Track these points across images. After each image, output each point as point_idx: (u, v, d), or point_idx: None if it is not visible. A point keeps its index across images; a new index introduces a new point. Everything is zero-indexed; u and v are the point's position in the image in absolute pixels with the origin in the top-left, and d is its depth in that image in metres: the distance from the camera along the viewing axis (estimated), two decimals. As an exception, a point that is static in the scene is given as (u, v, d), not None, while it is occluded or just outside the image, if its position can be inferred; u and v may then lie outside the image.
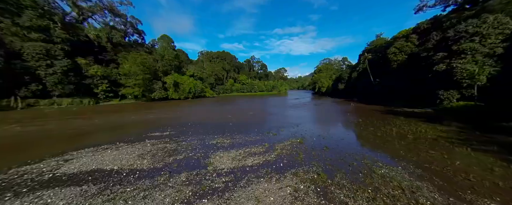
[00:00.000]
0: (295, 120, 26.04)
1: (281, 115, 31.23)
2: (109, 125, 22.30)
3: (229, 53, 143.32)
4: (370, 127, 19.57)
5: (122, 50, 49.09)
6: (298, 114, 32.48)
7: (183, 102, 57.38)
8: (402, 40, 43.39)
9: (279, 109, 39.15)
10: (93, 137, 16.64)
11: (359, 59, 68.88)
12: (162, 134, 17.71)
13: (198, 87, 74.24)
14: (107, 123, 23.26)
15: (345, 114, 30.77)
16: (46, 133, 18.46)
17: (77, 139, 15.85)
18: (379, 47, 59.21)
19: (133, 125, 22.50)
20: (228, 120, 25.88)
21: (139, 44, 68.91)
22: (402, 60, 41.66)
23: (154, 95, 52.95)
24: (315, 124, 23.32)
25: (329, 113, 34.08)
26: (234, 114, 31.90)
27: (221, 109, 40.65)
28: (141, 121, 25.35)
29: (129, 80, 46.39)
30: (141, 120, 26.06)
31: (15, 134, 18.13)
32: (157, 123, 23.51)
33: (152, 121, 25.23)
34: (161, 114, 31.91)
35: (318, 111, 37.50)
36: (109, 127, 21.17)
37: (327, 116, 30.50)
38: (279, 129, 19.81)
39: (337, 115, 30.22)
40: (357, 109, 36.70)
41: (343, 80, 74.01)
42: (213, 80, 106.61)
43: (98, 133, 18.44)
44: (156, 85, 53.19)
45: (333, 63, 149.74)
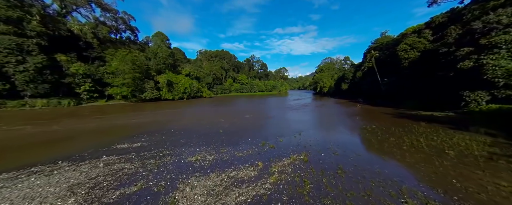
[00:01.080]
0: (296, 125, 22.41)
1: (281, 118, 27.60)
2: (70, 133, 18.29)
3: (228, 52, 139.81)
4: (389, 137, 15.92)
5: (110, 46, 45.59)
6: (299, 117, 28.85)
7: (177, 103, 53.82)
8: (413, 36, 39.67)
9: (278, 112, 35.53)
10: (29, 153, 12.52)
11: (364, 57, 65.15)
12: (131, 146, 14.11)
13: (194, 87, 70.71)
14: (69, 131, 19.22)
15: (353, 118, 27.12)
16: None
17: (1, 157, 12.03)
18: (386, 44, 55.47)
19: (102, 133, 18.85)
20: (220, 126, 22.28)
21: (132, 41, 65.42)
22: (414, 58, 37.96)
23: (145, 95, 49.39)
24: (321, 131, 19.68)
25: (334, 116, 30.43)
26: (228, 118, 28.32)
27: (215, 111, 37.06)
28: (116, 127, 21.76)
29: (117, 79, 42.79)
30: (118, 125, 22.47)
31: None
32: (134, 130, 19.92)
33: (130, 127, 21.64)
34: (146, 118, 28.33)
35: (321, 113, 33.84)
36: (66, 136, 17.09)
37: (332, 120, 26.84)
38: (277, 139, 16.20)
39: (344, 119, 26.55)
40: (365, 112, 33.03)
41: (347, 80, 70.30)
42: (211, 79, 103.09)
43: (42, 146, 14.25)
44: (148, 85, 49.66)
45: (335, 62, 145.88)
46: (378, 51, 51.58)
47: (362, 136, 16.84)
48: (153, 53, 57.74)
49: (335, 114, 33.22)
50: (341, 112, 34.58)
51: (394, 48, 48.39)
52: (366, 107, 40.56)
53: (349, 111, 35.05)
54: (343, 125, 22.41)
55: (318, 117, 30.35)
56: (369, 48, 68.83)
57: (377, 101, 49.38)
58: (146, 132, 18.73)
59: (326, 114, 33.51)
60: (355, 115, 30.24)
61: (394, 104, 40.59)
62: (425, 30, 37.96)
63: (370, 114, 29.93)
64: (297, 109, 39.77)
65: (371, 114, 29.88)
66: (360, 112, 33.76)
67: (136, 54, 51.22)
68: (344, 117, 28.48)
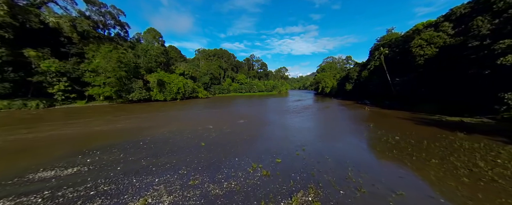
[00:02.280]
0: (298, 135, 18.12)
1: (280, 125, 23.28)
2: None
3: (226, 51, 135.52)
4: (428, 157, 11.62)
5: (94, 42, 41.31)
6: (301, 123, 24.53)
7: (168, 104, 49.56)
8: (430, 30, 35.28)
9: (277, 116, 31.23)
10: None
11: (371, 55, 60.81)
12: (59, 174, 9.81)
13: (188, 87, 66.42)
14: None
15: (365, 124, 22.79)
16: None
17: None
18: (396, 41, 51.07)
19: (36, 148, 14.07)
20: (205, 135, 18.02)
21: (122, 38, 61.15)
22: (430, 55, 33.58)
23: (132, 96, 45.11)
24: (329, 144, 15.37)
25: (342, 122, 26.12)
26: (218, 123, 24.05)
27: (206, 115, 32.80)
28: (70, 137, 17.43)
29: (98, 78, 38.42)
30: (74, 135, 18.15)
31: None
32: (91, 141, 15.64)
33: (89, 137, 17.35)
34: (122, 123, 24.06)
35: (326, 118, 29.51)
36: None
37: (341, 127, 22.50)
38: (274, 158, 11.96)
39: (356, 127, 22.22)
40: (377, 116, 28.71)
41: (351, 80, 65.95)
42: (208, 79, 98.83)
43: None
44: (136, 85, 45.37)
45: (337, 61, 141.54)
46: (387, 48, 47.14)
47: (390, 155, 12.51)
48: (143, 50, 53.49)
49: (342, 118, 28.89)
50: (348, 116, 30.27)
51: (406, 44, 43.99)
52: (376, 110, 36.24)
53: (357, 115, 30.73)
54: (357, 136, 18.08)
55: (322, 123, 26.01)
56: (376, 45, 64.47)
57: (386, 103, 45.07)
58: (104, 146, 14.45)
59: (331, 119, 29.18)
60: (366, 120, 25.90)
61: (406, 106, 36.24)
62: (444, 23, 33.55)
63: (384, 120, 25.60)
64: (298, 112, 35.46)
65: (385, 120, 25.54)
66: (370, 116, 29.43)
67: (123, 51, 46.96)
68: (354, 123, 24.14)
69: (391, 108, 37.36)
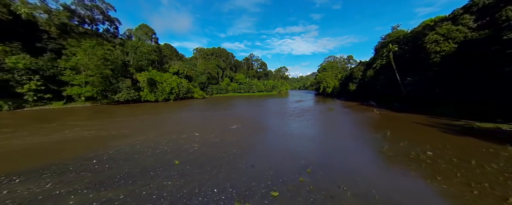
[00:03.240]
0: (300, 148, 14.44)
1: (278, 133, 19.58)
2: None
3: (225, 50, 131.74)
4: (499, 189, 7.93)
5: (76, 37, 37.53)
6: (303, 130, 20.83)
7: (159, 106, 45.85)
8: (447, 24, 31.57)
9: (276, 119, 27.54)
10: None
11: (376, 53, 57.14)
12: None
13: (183, 86, 62.73)
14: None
15: (379, 131, 19.08)
16: None
17: None
18: (404, 38, 47.38)
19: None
20: (184, 148, 14.37)
21: (112, 34, 57.39)
22: (448, 51, 29.90)
23: (119, 96, 41.35)
24: (341, 163, 11.67)
25: (351, 128, 22.43)
26: (206, 130, 20.39)
27: (197, 119, 29.15)
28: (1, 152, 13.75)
29: (78, 77, 34.57)
30: (7, 150, 14.46)
31: None
32: (15, 162, 11.94)
33: (23, 153, 13.63)
34: (91, 130, 20.35)
35: (332, 123, 25.81)
36: None
37: (351, 136, 18.78)
38: (268, 189, 8.33)
39: (369, 135, 18.51)
40: (390, 121, 25.01)
41: (355, 80, 62.25)
42: (205, 79, 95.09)
43: None
44: (123, 84, 41.60)
45: (338, 61, 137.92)
46: (396, 45, 43.41)
47: (437, 186, 8.78)
48: (133, 47, 49.76)
49: (350, 123, 25.19)
50: (357, 121, 26.57)
51: (417, 41, 40.31)
52: (385, 113, 32.56)
53: (366, 119, 27.03)
54: (375, 149, 14.36)
55: (328, 129, 22.33)
56: (382, 43, 60.78)
57: (395, 105, 41.39)
58: (37, 167, 10.75)
59: (338, 124, 25.49)
60: (378, 126, 22.22)
61: (420, 109, 32.55)
62: (464, 15, 29.83)
63: (400, 126, 21.89)
64: (299, 115, 31.77)
65: (402, 126, 21.83)
66: (382, 121, 25.74)
67: (110, 47, 43.23)
68: (366, 130, 20.45)
69: (402, 111, 33.66)
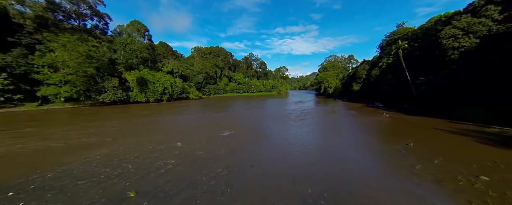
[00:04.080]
0: (304, 170, 11.06)
1: (275, 144, 16.24)
2: None
3: (223, 49, 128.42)
4: None
5: (56, 32, 34.06)
6: (305, 139, 17.51)
7: (149, 107, 42.48)
8: (466, 17, 28.23)
9: (273, 124, 24.18)
10: None
11: (382, 51, 53.81)
12: None
13: (177, 86, 59.38)
14: None
15: (399, 141, 15.76)
16: None
17: None
18: (414, 34, 44.07)
19: None
20: (155, 167, 11.06)
21: (101, 30, 53.95)
22: (468, 47, 26.60)
23: (104, 97, 37.97)
24: (367, 195, 8.29)
25: (362, 136, 19.11)
26: (192, 137, 17.12)
27: (185, 123, 25.86)
28: None
29: (54, 75, 31.16)
30: None
31: None
32: None
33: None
34: (46, 140, 17.01)
35: (338, 130, 22.48)
36: None
37: (366, 147, 15.45)
38: None
39: (388, 147, 15.17)
40: (406, 127, 21.68)
41: (359, 79, 58.91)
42: (202, 78, 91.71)
43: None
44: (109, 84, 38.20)
45: (340, 60, 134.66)
46: (406, 42, 40.05)
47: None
48: (122, 44, 46.37)
49: (360, 130, 21.87)
50: (367, 126, 23.23)
51: (428, 37, 37.03)
52: (397, 116, 29.25)
53: (377, 125, 23.71)
54: (402, 170, 10.99)
55: (336, 138, 19.01)
56: (387, 41, 57.43)
57: (405, 107, 38.08)
58: None
59: (346, 130, 22.16)
60: (395, 133, 18.90)
61: (437, 112, 29.24)
62: (487, 6, 26.48)
63: (422, 133, 18.54)
64: (300, 119, 28.45)
65: (424, 133, 18.48)
66: (396, 126, 22.41)
67: (95, 44, 39.84)
68: (382, 140, 17.12)
69: (415, 114, 30.35)
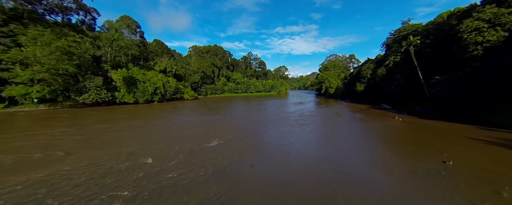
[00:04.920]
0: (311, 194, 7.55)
1: (272, 160, 12.78)
2: None
3: (221, 47, 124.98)
4: None
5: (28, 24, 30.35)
6: (310, 154, 14.06)
7: (136, 109, 38.92)
8: (490, 7, 24.81)
9: (271, 131, 20.68)
10: None
11: (388, 49, 50.42)
12: None
13: (170, 86, 55.82)
14: None
15: (426, 156, 12.32)
16: None
17: None
18: (425, 30, 40.67)
19: None
20: (100, 201, 7.44)
21: (88, 26, 50.32)
22: (495, 41, 23.20)
23: (84, 97, 34.38)
24: None
25: (378, 147, 15.66)
26: (169, 151, 13.64)
27: (169, 129, 22.35)
28: None
29: (22, 73, 27.51)
30: None
31: None
32: None
33: None
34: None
35: (348, 138, 19.01)
36: None
37: (388, 165, 12.04)
38: None
39: (415, 164, 11.76)
40: (426, 134, 18.24)
41: (363, 79, 55.51)
42: (199, 78, 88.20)
43: None
44: (91, 83, 34.59)
45: (341, 59, 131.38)
46: (418, 37, 36.60)
47: None
48: (108, 40, 42.78)
49: (374, 138, 18.41)
50: (380, 134, 19.80)
51: (442, 33, 33.68)
52: (411, 120, 25.86)
53: (392, 131, 20.30)
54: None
55: (347, 150, 15.58)
56: (393, 38, 54.06)
57: (417, 109, 34.68)
58: None
59: (357, 139, 18.72)
60: (418, 143, 15.44)
61: (456, 115, 25.85)
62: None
63: (454, 143, 15.09)
64: (302, 123, 24.99)
65: (457, 144, 15.03)
66: (415, 134, 18.96)
67: (77, 39, 36.25)
68: (405, 153, 13.66)
69: (431, 117, 26.95)
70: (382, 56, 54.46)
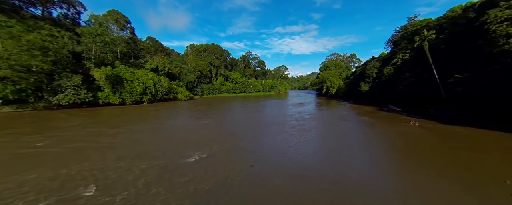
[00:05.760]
0: None
1: (264, 182, 9.08)
2: None
3: (219, 46, 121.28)
4: None
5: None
6: (319, 179, 10.42)
7: (120, 111, 35.30)
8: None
9: (267, 139, 17.07)
10: None
11: (396, 46, 46.83)
12: None
13: (162, 86, 52.15)
14: None
15: (477, 181, 8.74)
16: None
17: None
18: (438, 24, 37.08)
19: None
20: None
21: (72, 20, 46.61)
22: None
23: (60, 98, 30.71)
24: None
25: (412, 169, 12.08)
26: (127, 172, 9.96)
27: (145, 137, 18.73)
28: None
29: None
30: None
31: None
32: None
33: None
34: None
35: (360, 151, 15.43)
36: None
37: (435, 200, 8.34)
38: None
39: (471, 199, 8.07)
40: (464, 147, 14.69)
41: (368, 79, 51.94)
42: (195, 77, 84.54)
43: None
44: (67, 82, 30.91)
45: (342, 59, 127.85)
46: (433, 32, 32.98)
47: None
48: (91, 35, 39.10)
49: (392, 151, 14.84)
50: (398, 144, 16.23)
51: (458, 27, 30.17)
52: (430, 126, 22.32)
53: (412, 140, 16.76)
54: None
55: (366, 170, 12.03)
56: (400, 35, 50.50)
57: (431, 112, 31.18)
58: None
59: (374, 153, 15.16)
60: (461, 165, 11.88)
61: (485, 119, 22.32)
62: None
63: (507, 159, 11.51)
64: (303, 129, 21.43)
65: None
66: (450, 148, 15.37)
67: (54, 33, 32.65)
68: (454, 182, 10.09)
69: (453, 122, 23.38)
70: (388, 54, 50.89)
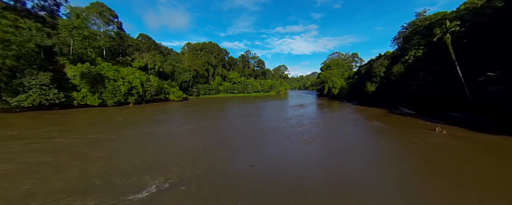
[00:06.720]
0: None
1: None
2: None
3: (217, 45, 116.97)
4: None
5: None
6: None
7: (96, 114, 31.05)
8: None
9: (258, 153, 12.72)
10: None
11: (406, 42, 42.37)
12: None
13: (151, 85, 47.85)
14: None
15: None
16: None
17: None
18: (457, 16, 32.68)
19: None
20: None
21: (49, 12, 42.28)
22: None
23: (21, 99, 26.37)
24: None
25: None
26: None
27: (105, 149, 14.43)
28: None
29: None
30: None
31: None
32: None
33: None
34: None
35: (374, 172, 11.04)
36: None
37: None
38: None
39: None
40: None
41: (375, 78, 47.57)
42: (190, 77, 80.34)
43: None
44: (32, 80, 26.57)
45: (344, 58, 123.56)
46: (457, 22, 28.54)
47: None
48: (67, 28, 34.84)
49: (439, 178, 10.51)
50: (443, 171, 11.94)
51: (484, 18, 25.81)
52: (461, 134, 18.03)
53: (449, 158, 12.53)
54: None
55: None
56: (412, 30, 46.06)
57: (453, 115, 26.92)
58: None
59: (401, 183, 10.82)
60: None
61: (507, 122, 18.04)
62: None
63: None
64: (305, 140, 17.15)
65: None
66: (500, 164, 11.05)
67: (18, 23, 28.42)
68: None
69: (489, 130, 19.06)
70: (397, 50, 46.54)
